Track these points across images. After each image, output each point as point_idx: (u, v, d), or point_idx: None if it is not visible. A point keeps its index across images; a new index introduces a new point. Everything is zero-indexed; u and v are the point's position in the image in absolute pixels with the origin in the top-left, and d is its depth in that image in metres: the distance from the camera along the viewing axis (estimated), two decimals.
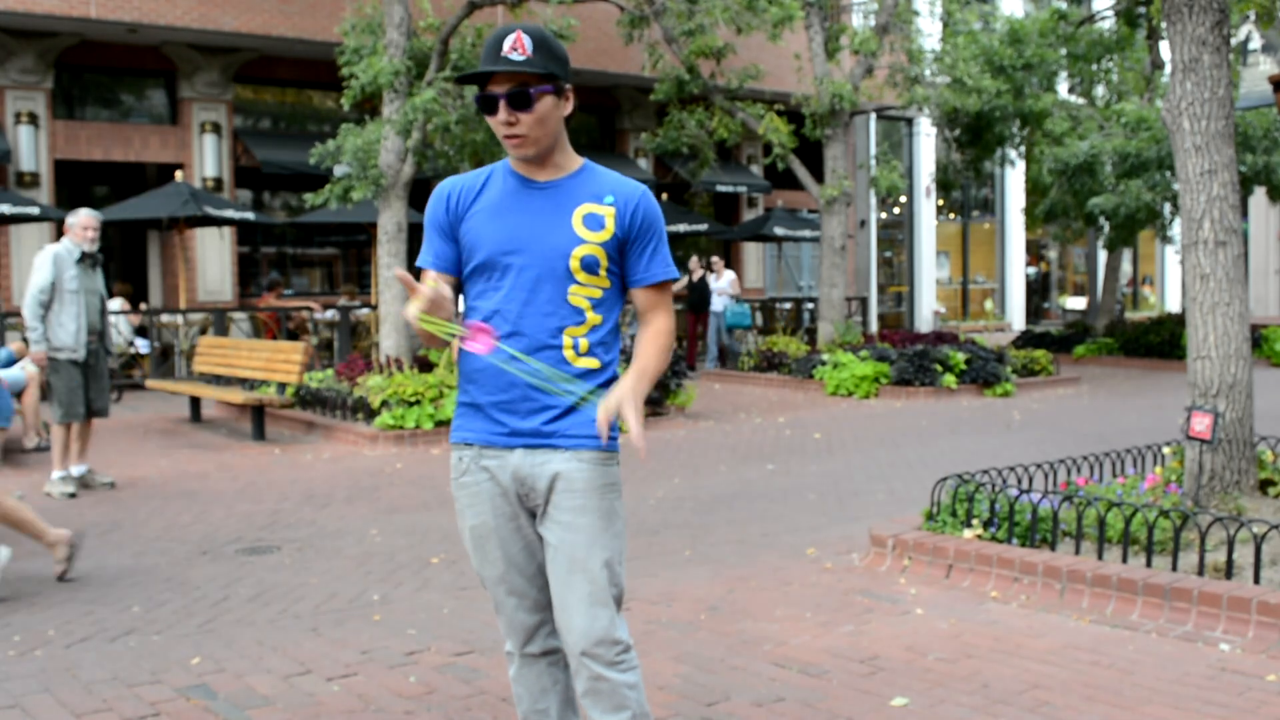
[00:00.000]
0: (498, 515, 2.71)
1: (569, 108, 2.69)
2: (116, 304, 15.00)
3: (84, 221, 7.80)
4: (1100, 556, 5.14)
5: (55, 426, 7.93)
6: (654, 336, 2.75)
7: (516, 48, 2.58)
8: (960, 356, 13.73)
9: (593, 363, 2.67)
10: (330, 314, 16.41)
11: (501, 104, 2.60)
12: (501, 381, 2.65)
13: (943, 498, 5.89)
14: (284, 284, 17.73)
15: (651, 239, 2.72)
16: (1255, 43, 20.51)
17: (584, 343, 2.66)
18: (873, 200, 23.86)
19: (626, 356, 9.46)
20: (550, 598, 2.75)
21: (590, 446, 2.66)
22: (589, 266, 2.66)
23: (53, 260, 7.73)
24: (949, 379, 13.45)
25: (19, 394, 9.69)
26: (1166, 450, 6.94)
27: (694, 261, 18.10)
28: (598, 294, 2.68)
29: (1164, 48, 19.60)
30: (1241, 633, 4.48)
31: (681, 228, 19.43)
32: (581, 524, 2.66)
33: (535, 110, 2.60)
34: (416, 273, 2.82)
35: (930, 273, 25.96)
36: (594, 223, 2.67)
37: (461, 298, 2.80)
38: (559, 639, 2.80)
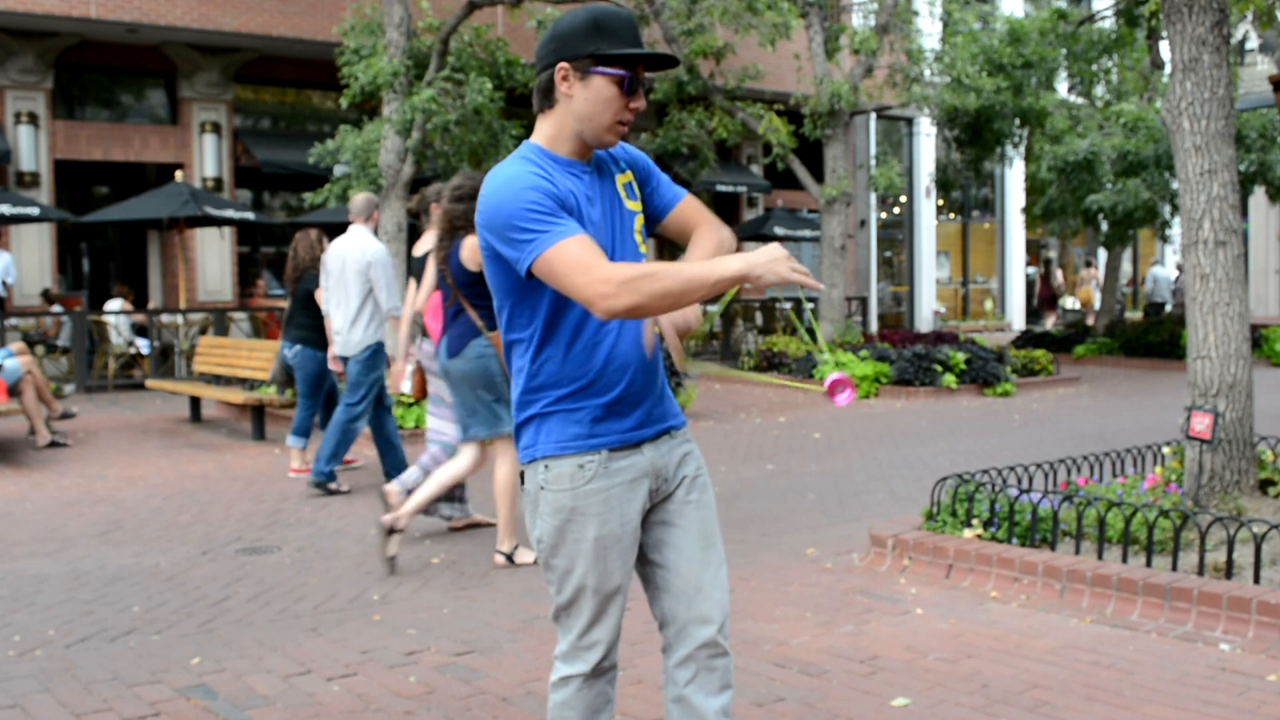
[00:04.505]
0: (624, 524, 2.58)
1: None
2: (117, 304, 15.02)
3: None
4: (1100, 556, 5.15)
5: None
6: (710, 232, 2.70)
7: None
8: (960, 356, 13.73)
9: (656, 327, 2.64)
10: None
11: (640, 89, 2.52)
12: (624, 378, 2.55)
13: (943, 497, 5.89)
14: (264, 284, 17.77)
15: (655, 170, 2.71)
16: (1253, 42, 20.52)
17: None
18: (873, 200, 23.87)
19: None
20: None
21: (684, 422, 2.71)
22: (644, 235, 2.66)
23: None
24: (949, 379, 13.45)
25: (16, 391, 9.67)
26: (1166, 450, 6.94)
27: None
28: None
29: (1164, 48, 19.59)
30: (1241, 633, 4.48)
31: None
32: (707, 499, 2.68)
33: None
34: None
35: (930, 273, 25.96)
36: (631, 192, 2.65)
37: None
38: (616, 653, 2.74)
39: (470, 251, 5.56)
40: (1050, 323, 25.86)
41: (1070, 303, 26.66)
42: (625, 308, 2.34)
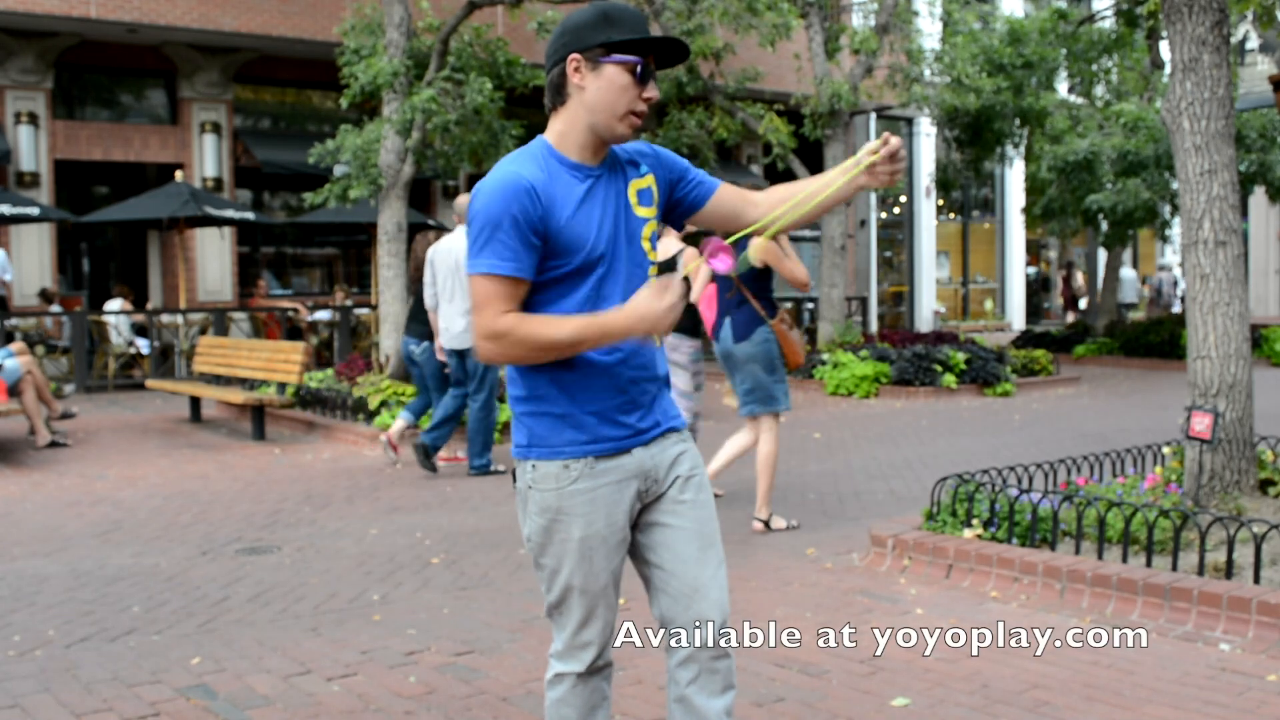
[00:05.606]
0: (610, 525, 2.57)
1: None
2: (117, 304, 15.02)
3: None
4: (1100, 556, 5.14)
5: None
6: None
7: None
8: (960, 356, 13.73)
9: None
10: (321, 314, 16.39)
11: (651, 79, 2.53)
12: (616, 384, 2.55)
13: (943, 497, 5.89)
14: (264, 284, 17.82)
15: (684, 164, 2.71)
16: (1253, 42, 20.51)
17: None
18: (873, 200, 23.87)
19: None
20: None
21: (684, 424, 2.70)
22: (653, 242, 2.64)
23: None
24: (949, 379, 13.45)
25: (16, 391, 9.67)
26: (1166, 450, 6.94)
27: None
28: (656, 270, 2.64)
29: (1164, 48, 19.59)
30: (1241, 633, 4.48)
31: None
32: (704, 499, 2.67)
33: None
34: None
35: (930, 273, 25.96)
36: (646, 198, 2.63)
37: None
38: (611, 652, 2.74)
39: (755, 250, 6.40)
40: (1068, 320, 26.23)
41: (1085, 304, 26.79)
42: (495, 357, 2.49)
